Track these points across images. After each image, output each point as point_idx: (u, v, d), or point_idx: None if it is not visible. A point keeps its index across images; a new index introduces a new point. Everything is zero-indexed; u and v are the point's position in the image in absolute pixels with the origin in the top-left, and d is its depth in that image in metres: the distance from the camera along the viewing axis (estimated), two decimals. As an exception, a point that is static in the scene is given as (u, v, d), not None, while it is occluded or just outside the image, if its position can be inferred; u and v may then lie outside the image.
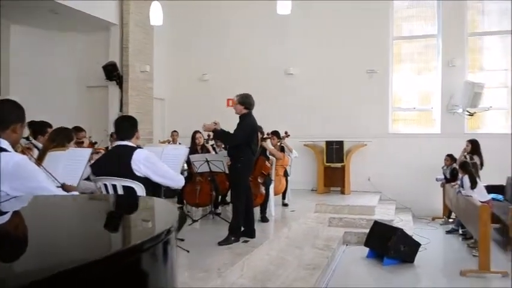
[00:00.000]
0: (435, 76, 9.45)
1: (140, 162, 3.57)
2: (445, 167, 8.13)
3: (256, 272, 4.83)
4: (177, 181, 3.77)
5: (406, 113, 9.83)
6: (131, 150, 3.63)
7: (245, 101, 5.30)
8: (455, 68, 9.12)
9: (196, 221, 6.45)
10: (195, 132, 7.30)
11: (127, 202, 2.21)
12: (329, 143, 8.98)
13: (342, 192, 9.11)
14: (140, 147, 3.86)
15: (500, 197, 7.94)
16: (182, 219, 4.43)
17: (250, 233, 5.48)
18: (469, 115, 8.96)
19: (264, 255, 5.31)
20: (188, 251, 4.78)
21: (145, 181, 3.60)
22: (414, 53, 9.91)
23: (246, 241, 5.34)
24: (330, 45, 9.63)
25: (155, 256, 1.19)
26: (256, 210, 6.30)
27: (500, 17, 9.40)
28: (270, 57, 9.97)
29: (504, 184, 8.19)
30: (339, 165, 8.96)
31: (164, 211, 1.75)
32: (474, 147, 7.71)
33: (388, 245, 5.91)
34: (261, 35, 10.04)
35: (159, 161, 3.77)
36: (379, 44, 9.51)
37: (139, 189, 3.54)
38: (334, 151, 8.91)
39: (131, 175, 3.55)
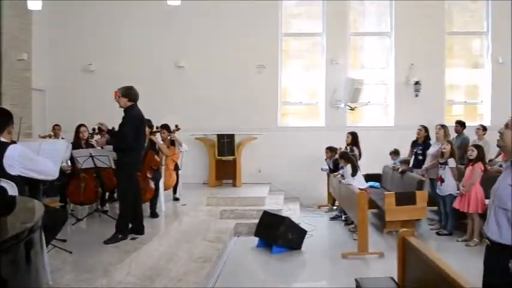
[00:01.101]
0: (321, 72, 9.96)
1: (14, 159, 3.28)
2: (327, 159, 8.63)
3: (145, 269, 4.71)
4: (53, 172, 3.54)
5: (294, 107, 10.25)
6: (3, 146, 3.30)
7: (128, 93, 5.10)
8: (338, 66, 9.71)
9: (81, 219, 6.10)
10: (79, 125, 6.85)
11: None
12: (220, 137, 9.02)
13: (234, 184, 9.23)
14: (14, 143, 3.52)
15: (377, 184, 8.66)
16: (60, 218, 4.13)
17: (139, 230, 5.31)
18: (350, 109, 9.61)
19: (153, 251, 5.18)
20: (71, 252, 4.51)
21: (21, 179, 3.30)
22: (302, 50, 10.35)
23: (134, 238, 5.17)
24: (221, 39, 9.66)
25: (15, 256, 1.07)
26: (146, 206, 6.12)
27: (379, 19, 10.20)
28: (160, 49, 9.71)
29: (381, 173, 8.95)
30: (230, 158, 9.05)
31: (27, 210, 1.59)
32: (354, 139, 8.29)
33: (277, 234, 6.12)
34: (151, 26, 9.72)
35: (36, 156, 3.50)
36: (269, 40, 9.75)
37: (11, 189, 3.22)
38: (226, 144, 8.98)
39: (3, 173, 3.23)
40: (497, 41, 9.93)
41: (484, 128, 8.45)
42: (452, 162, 6.68)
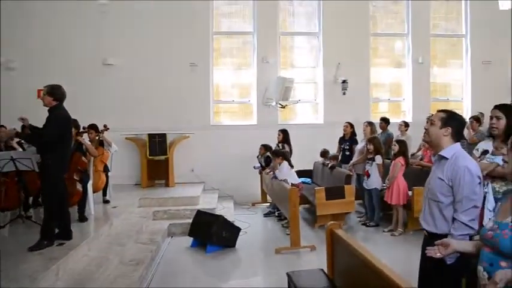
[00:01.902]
0: (252, 71, 10.06)
1: None
2: (259, 156, 8.74)
3: (74, 275, 4.53)
4: None
5: (227, 105, 10.26)
6: None
7: (54, 92, 4.87)
8: (269, 64, 9.87)
9: (3, 227, 5.71)
10: (-2, 126, 6.44)
11: None
12: (152, 136, 8.84)
13: (167, 184, 9.09)
14: None
15: (308, 180, 8.90)
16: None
17: (66, 235, 5.09)
18: (281, 107, 9.80)
19: (82, 256, 4.99)
20: (-9, 261, 4.22)
21: None
22: (233, 49, 10.37)
23: (61, 244, 4.94)
24: (152, 37, 9.45)
25: None
26: (73, 210, 5.88)
27: (308, 20, 10.46)
28: (88, 47, 9.30)
29: (312, 168, 9.21)
30: (162, 157, 8.90)
31: None
32: (285, 136, 8.47)
33: (211, 232, 6.12)
34: (80, 24, 9.29)
35: None
36: (200, 38, 9.69)
37: None
38: (157, 144, 8.82)
39: None
40: (417, 42, 10.58)
41: (406, 124, 8.96)
42: (379, 159, 7.03)
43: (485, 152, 3.67)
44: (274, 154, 7.38)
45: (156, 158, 8.89)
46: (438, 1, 11.05)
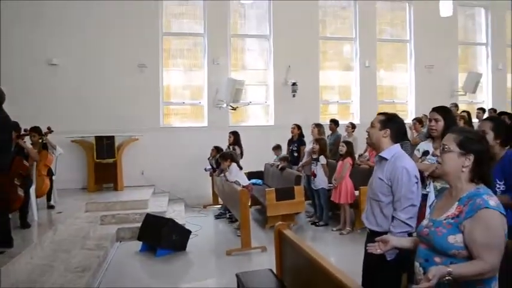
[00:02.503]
0: (203, 73, 10.01)
1: None
2: (210, 158, 8.72)
3: (17, 284, 4.32)
4: None
5: (177, 107, 10.14)
6: None
7: (-7, 95, 4.63)
8: (219, 66, 9.85)
9: None
10: None
11: None
12: (99, 138, 8.58)
13: (115, 188, 8.84)
14: None
15: (259, 181, 8.96)
16: None
17: (7, 243, 4.84)
18: (232, 109, 9.81)
19: (24, 264, 4.77)
20: None
21: None
22: (184, 50, 10.28)
23: (1, 252, 4.70)
24: (100, 38, 9.16)
25: None
26: (15, 216, 5.62)
27: (259, 22, 10.54)
28: (32, 47, 8.88)
29: (263, 170, 9.28)
30: (110, 160, 8.66)
31: None
32: (235, 138, 8.49)
33: (160, 236, 6.03)
34: (23, 24, 8.88)
35: None
36: (149, 39, 9.52)
37: None
38: (105, 146, 8.57)
39: None
40: (364, 46, 10.91)
41: (353, 126, 9.21)
42: (323, 159, 7.19)
43: (426, 152, 3.82)
44: (222, 157, 7.35)
45: (103, 161, 8.64)
46: (384, 8, 11.46)
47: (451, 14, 9.76)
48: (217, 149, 8.53)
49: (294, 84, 10.03)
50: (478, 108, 10.04)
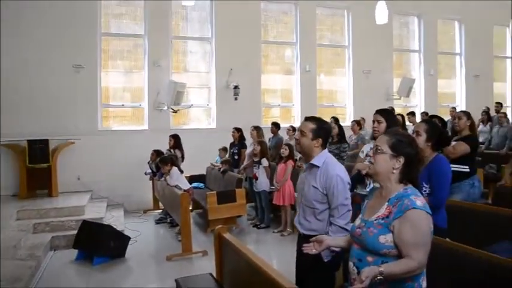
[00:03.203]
0: (143, 75, 9.79)
1: None
2: (150, 162, 8.53)
3: None
4: None
5: (116, 109, 9.83)
6: None
7: None
8: (160, 68, 9.67)
9: None
10: None
11: None
12: (32, 142, 8.10)
13: (49, 194, 8.38)
14: None
15: (201, 185, 8.89)
16: None
17: None
18: (173, 112, 9.66)
19: None
20: None
21: None
22: (124, 51, 9.99)
23: None
24: (32, 36, 8.70)
25: None
26: None
27: (201, 25, 10.46)
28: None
29: (205, 173, 9.21)
30: (44, 165, 8.21)
31: None
32: (176, 141, 8.37)
33: (97, 243, 5.82)
34: None
35: None
36: (87, 39, 9.16)
37: None
38: (38, 151, 8.13)
39: None
40: (304, 51, 11.14)
41: (294, 129, 9.35)
42: (265, 162, 7.25)
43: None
44: (162, 161, 7.20)
45: (37, 166, 8.18)
46: (324, 14, 11.76)
47: (386, 21, 10.15)
48: (157, 153, 8.34)
49: (236, 87, 10.05)
50: (408, 113, 10.51)
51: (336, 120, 8.83)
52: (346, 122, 10.53)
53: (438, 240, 2.88)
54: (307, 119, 3.16)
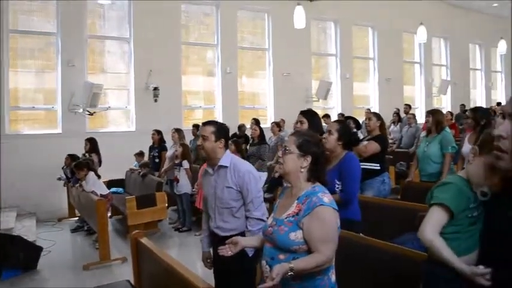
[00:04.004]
0: (56, 75, 9.26)
1: None
2: (65, 167, 8.10)
3: None
4: None
5: (28, 112, 9.20)
6: None
7: None
8: (75, 68, 9.19)
9: None
10: None
11: None
12: None
13: None
14: None
15: (121, 189, 8.60)
16: None
17: None
18: (90, 114, 9.25)
19: None
20: None
21: None
22: (35, 50, 9.38)
23: None
24: None
25: None
26: None
27: (119, 24, 10.12)
28: None
29: (124, 178, 8.92)
30: None
31: None
32: (92, 145, 8.03)
33: (5, 255, 5.42)
34: None
35: None
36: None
37: None
38: None
39: None
40: (225, 53, 11.18)
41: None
42: (186, 164, 7.18)
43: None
44: (77, 166, 6.85)
45: None
46: (245, 16, 11.90)
47: (304, 26, 10.48)
48: (72, 157, 7.91)
49: (155, 88, 9.85)
50: (323, 115, 10.87)
51: (256, 121, 8.96)
52: (267, 124, 10.72)
53: (350, 235, 3.03)
54: (204, 123, 3.27)
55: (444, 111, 11.62)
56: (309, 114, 4.08)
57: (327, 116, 10.84)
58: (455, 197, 1.59)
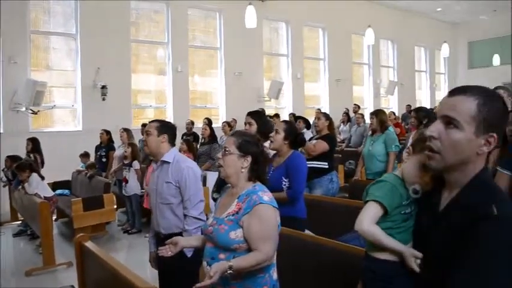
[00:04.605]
0: (-2, 72, 8.83)
1: None
2: (5, 169, 7.71)
3: None
4: None
5: (-36, 111, 8.72)
6: None
7: None
8: (17, 65, 8.79)
9: None
10: None
11: None
12: None
13: None
14: None
15: (67, 191, 8.29)
16: None
17: None
18: (33, 113, 8.87)
19: None
20: None
21: None
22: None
23: None
24: None
25: None
26: None
27: (65, 20, 9.75)
28: None
29: (70, 179, 8.61)
30: None
31: None
32: (35, 145, 7.70)
33: None
34: None
35: None
36: None
37: None
38: None
39: None
40: (176, 51, 11.05)
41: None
42: (136, 164, 7.02)
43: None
44: (19, 168, 6.52)
45: None
46: (197, 15, 11.81)
47: (255, 26, 10.53)
48: (12, 159, 7.52)
49: (103, 87, 9.58)
50: (273, 115, 10.93)
51: (208, 121, 8.91)
52: (219, 123, 10.68)
53: (294, 233, 3.07)
54: (150, 122, 3.35)
55: (392, 111, 12.09)
56: (256, 115, 4.12)
57: (276, 116, 10.90)
58: (388, 194, 1.65)
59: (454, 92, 1.42)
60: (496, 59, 16.64)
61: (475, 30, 18.48)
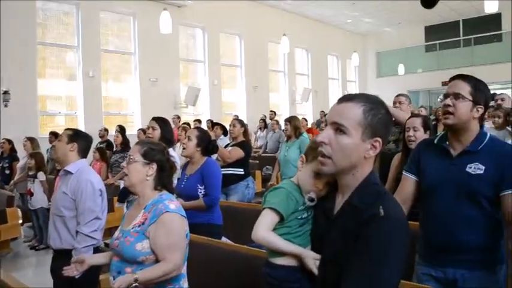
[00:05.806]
0: None
1: None
2: None
3: None
4: None
5: None
6: None
7: None
8: None
9: None
10: None
11: None
12: None
13: None
14: None
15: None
16: None
17: None
18: None
19: None
20: None
21: None
22: None
23: None
24: None
25: None
26: None
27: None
28: None
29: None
30: None
31: None
32: None
33: None
34: None
35: None
36: None
37: None
38: None
39: None
40: (87, 55, 10.54)
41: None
42: (42, 175, 6.54)
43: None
44: None
45: None
46: (109, 18, 11.40)
47: (171, 31, 10.37)
48: None
49: (5, 92, 8.87)
50: (195, 121, 10.84)
51: (120, 128, 8.60)
52: (134, 130, 10.35)
53: (210, 242, 3.04)
54: (66, 129, 3.22)
55: (304, 118, 12.48)
56: (160, 121, 4.07)
57: (198, 122, 10.77)
58: (284, 200, 1.69)
59: (341, 100, 1.48)
60: (401, 68, 17.81)
61: (382, 41, 19.73)
